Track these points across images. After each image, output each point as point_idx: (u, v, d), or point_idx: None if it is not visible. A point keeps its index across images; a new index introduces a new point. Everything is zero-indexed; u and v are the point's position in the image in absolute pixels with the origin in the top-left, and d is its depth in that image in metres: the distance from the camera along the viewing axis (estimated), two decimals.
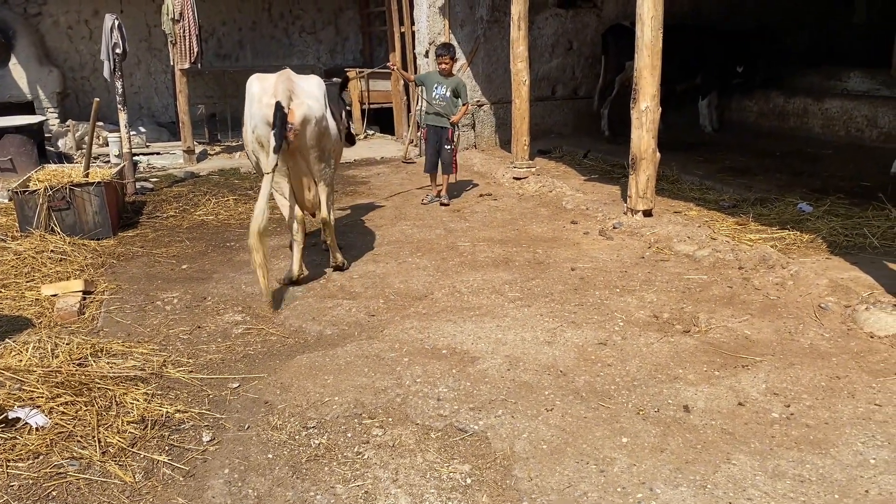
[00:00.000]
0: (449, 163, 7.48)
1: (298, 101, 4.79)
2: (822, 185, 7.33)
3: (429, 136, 7.56)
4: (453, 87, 7.33)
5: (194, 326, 4.56)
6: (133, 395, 3.54)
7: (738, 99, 11.38)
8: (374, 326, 4.49)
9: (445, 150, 7.43)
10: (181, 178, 9.30)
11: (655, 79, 6.18)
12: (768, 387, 3.53)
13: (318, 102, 4.97)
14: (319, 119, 4.94)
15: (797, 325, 4.23)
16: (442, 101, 7.33)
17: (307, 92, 4.93)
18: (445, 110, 7.34)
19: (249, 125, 4.99)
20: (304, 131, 4.84)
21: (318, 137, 4.97)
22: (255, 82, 4.99)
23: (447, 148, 7.42)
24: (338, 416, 3.42)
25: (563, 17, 11.07)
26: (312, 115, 4.86)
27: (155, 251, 6.18)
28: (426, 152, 7.68)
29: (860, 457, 2.94)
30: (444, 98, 7.32)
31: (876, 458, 2.92)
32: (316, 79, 5.23)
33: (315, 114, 4.89)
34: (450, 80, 7.38)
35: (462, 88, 7.40)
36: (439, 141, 7.45)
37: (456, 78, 7.46)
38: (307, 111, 4.82)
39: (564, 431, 3.21)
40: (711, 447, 3.06)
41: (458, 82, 7.41)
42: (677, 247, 5.70)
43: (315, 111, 4.89)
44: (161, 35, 12.47)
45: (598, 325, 4.35)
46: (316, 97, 4.98)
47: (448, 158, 7.45)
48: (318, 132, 4.95)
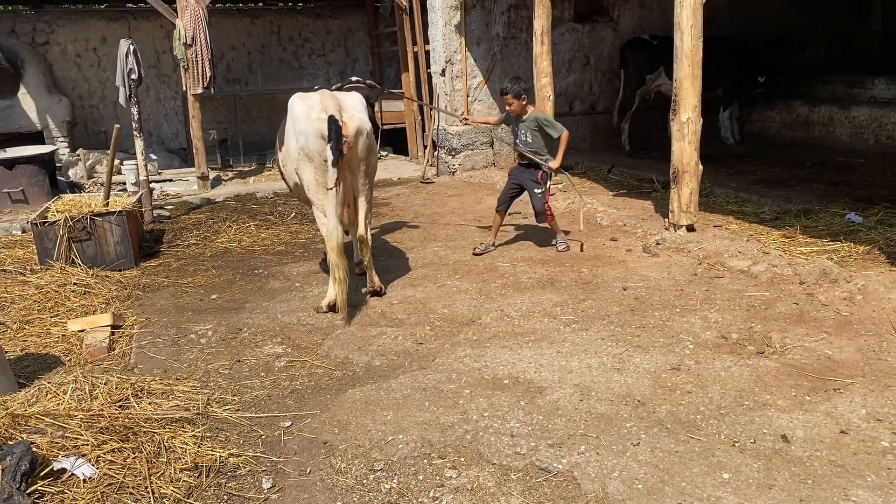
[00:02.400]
0: (541, 210, 6.10)
1: (349, 114, 4.76)
2: (864, 194, 7.10)
3: (513, 171, 6.39)
4: (533, 128, 6.05)
5: (234, 360, 4.30)
6: (182, 438, 3.28)
7: (759, 110, 11.21)
8: (425, 355, 4.23)
9: (535, 195, 6.09)
10: (197, 204, 9.08)
11: (696, 89, 5.98)
12: (869, 412, 3.26)
13: (365, 115, 4.96)
14: (370, 132, 4.91)
15: (880, 343, 3.97)
16: (527, 147, 6.10)
17: (354, 106, 4.91)
18: (535, 154, 6.08)
19: (296, 143, 4.80)
20: (357, 144, 4.77)
21: (367, 150, 4.92)
22: (297, 101, 4.91)
23: (537, 193, 6.07)
24: (405, 457, 3.15)
25: (580, 32, 10.93)
26: (364, 128, 4.83)
27: (181, 281, 5.93)
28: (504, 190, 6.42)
29: None
30: (528, 144, 6.08)
31: None
32: (357, 95, 5.17)
33: (366, 126, 4.86)
34: (527, 121, 6.07)
35: (546, 123, 6.05)
36: (521, 181, 6.21)
37: (533, 116, 6.07)
38: (360, 124, 4.79)
39: (658, 468, 2.94)
40: (824, 482, 2.79)
41: (538, 119, 6.05)
42: (730, 262, 5.45)
43: (366, 124, 4.87)
44: (169, 61, 12.37)
45: (665, 348, 4.09)
46: (362, 111, 4.94)
47: (539, 205, 6.09)
48: (369, 145, 4.92)
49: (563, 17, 10.68)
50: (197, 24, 9.46)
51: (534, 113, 6.13)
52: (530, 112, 6.09)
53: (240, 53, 13.34)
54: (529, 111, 6.09)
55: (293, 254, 6.66)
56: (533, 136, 6.06)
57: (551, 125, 6.04)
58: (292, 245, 6.96)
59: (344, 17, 13.92)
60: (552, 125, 6.04)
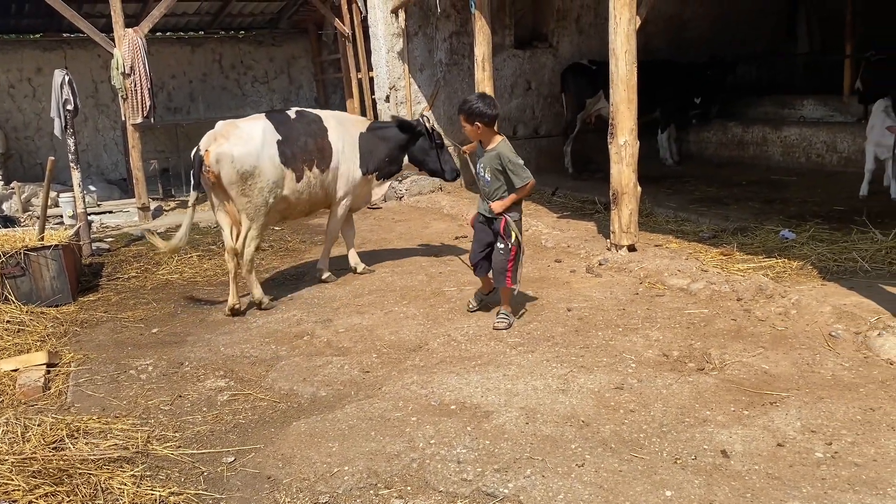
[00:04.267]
0: (502, 270, 4.88)
1: (217, 143, 5.34)
2: (797, 211, 7.35)
3: (475, 224, 5.16)
4: (494, 165, 4.81)
5: (175, 396, 4.20)
6: (120, 478, 3.18)
7: (695, 131, 11.54)
8: (371, 384, 4.20)
9: (497, 251, 4.92)
10: (138, 236, 8.89)
11: (632, 112, 6.12)
12: (804, 424, 3.36)
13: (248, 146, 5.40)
14: (238, 158, 5.34)
15: (813, 356, 4.10)
16: (485, 185, 4.93)
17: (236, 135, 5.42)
18: (491, 194, 4.90)
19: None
20: (221, 170, 5.34)
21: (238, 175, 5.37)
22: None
23: (499, 248, 4.89)
24: (351, 489, 3.11)
25: (521, 58, 11.12)
26: (225, 156, 5.32)
27: (120, 315, 5.79)
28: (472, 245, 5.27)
29: None
30: (486, 181, 4.90)
31: None
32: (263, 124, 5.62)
33: (228, 154, 5.32)
34: (488, 153, 4.86)
35: (513, 167, 4.74)
36: (486, 233, 5.02)
37: (497, 147, 4.83)
38: (219, 153, 5.32)
39: (602, 489, 2.96)
40: (762, 495, 2.86)
41: (503, 157, 4.77)
42: (670, 281, 5.57)
43: (228, 153, 5.32)
44: (108, 90, 12.16)
45: (609, 367, 4.14)
46: (240, 142, 5.39)
47: (501, 263, 4.88)
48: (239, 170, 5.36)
49: (504, 43, 10.86)
50: (135, 54, 9.33)
51: (500, 147, 4.83)
52: (497, 143, 4.85)
53: (181, 82, 13.20)
54: (496, 142, 4.86)
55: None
56: (492, 174, 4.85)
57: (517, 171, 4.75)
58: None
59: (287, 45, 13.91)
60: (518, 171, 4.75)
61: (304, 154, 5.80)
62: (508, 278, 4.89)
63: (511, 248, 4.84)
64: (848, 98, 9.98)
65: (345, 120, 6.43)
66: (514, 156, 4.79)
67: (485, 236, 5.02)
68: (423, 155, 6.44)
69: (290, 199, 5.79)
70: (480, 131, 4.81)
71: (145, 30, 9.54)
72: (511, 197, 4.82)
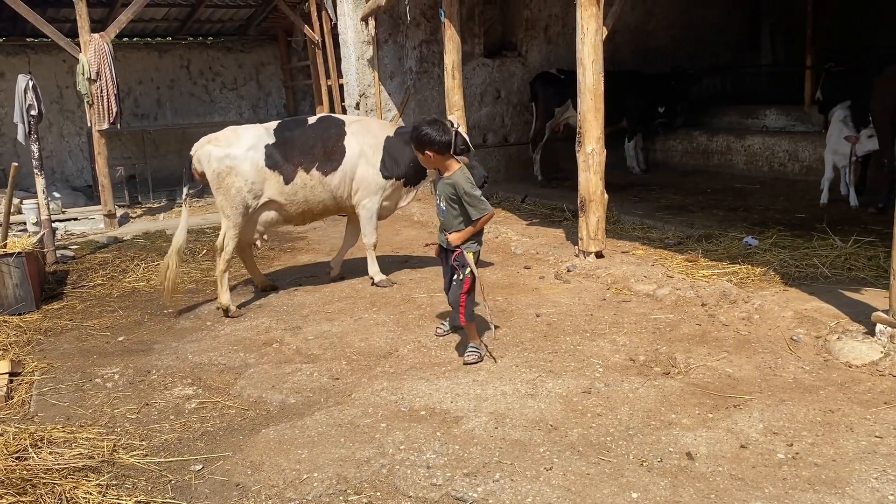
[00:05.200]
0: (455, 304, 4.52)
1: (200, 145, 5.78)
2: (760, 218, 7.50)
3: (439, 256, 4.78)
4: (449, 194, 4.40)
5: (142, 404, 4.16)
6: (85, 488, 3.15)
7: (662, 139, 11.71)
8: (341, 391, 4.20)
9: (452, 284, 4.53)
10: (104, 243, 8.78)
11: (599, 121, 6.21)
12: (766, 426, 3.43)
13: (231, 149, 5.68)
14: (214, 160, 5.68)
15: (775, 360, 4.19)
16: (441, 215, 4.55)
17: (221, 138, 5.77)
18: (446, 223, 4.52)
19: None
20: (205, 172, 5.76)
21: (215, 176, 5.72)
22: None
23: (454, 280, 4.51)
24: (320, 495, 3.11)
25: (490, 66, 11.21)
26: (204, 157, 5.73)
27: (86, 324, 5.71)
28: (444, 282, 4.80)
29: (878, 494, 2.85)
30: (442, 211, 4.51)
31: (895, 494, 2.84)
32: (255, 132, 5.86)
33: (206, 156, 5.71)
34: (444, 182, 4.44)
35: (463, 192, 4.32)
36: (447, 266, 4.61)
37: (452, 177, 4.39)
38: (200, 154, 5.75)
39: (570, 492, 3.00)
40: (726, 496, 2.91)
41: (458, 187, 4.34)
42: (636, 287, 5.65)
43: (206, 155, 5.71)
44: (73, 96, 12.00)
45: (577, 372, 4.19)
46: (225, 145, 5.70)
47: (455, 297, 4.51)
48: (216, 170, 5.70)
49: (474, 52, 10.94)
50: (101, 59, 9.22)
51: (455, 176, 4.39)
52: (453, 172, 4.41)
53: (148, 88, 13.07)
54: (453, 170, 4.42)
55: (204, 291, 6.51)
56: (448, 204, 4.44)
57: (473, 203, 4.33)
58: (203, 283, 6.81)
59: (256, 51, 13.86)
60: (474, 203, 4.33)
61: (301, 157, 5.86)
62: (462, 314, 4.47)
63: (465, 280, 4.42)
64: (809, 108, 10.22)
65: (372, 125, 6.45)
66: (469, 186, 4.34)
67: (447, 267, 4.63)
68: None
69: (281, 201, 5.92)
70: (432, 159, 4.40)
71: (112, 35, 9.43)
72: (467, 230, 4.41)
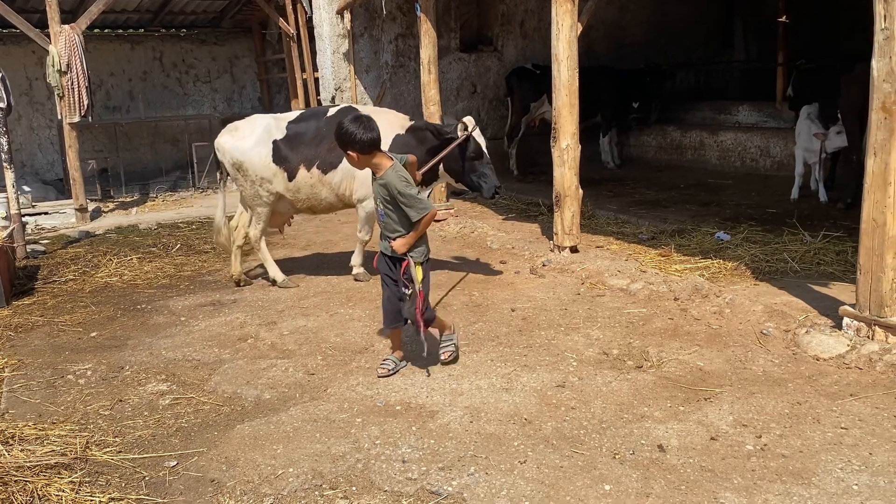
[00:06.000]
0: (411, 317, 4.15)
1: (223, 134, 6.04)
2: (732, 213, 7.61)
3: (379, 266, 4.30)
4: (384, 196, 4.03)
5: (115, 400, 4.13)
6: (58, 485, 3.12)
7: (636, 135, 11.81)
8: (317, 386, 4.20)
9: (405, 297, 4.15)
10: (76, 238, 8.67)
11: (574, 117, 6.26)
12: (735, 419, 3.49)
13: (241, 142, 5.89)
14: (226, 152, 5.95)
15: (745, 353, 4.26)
16: (380, 220, 4.16)
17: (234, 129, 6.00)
18: (386, 229, 4.14)
19: None
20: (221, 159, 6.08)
21: (231, 167, 5.99)
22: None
23: (405, 292, 4.13)
24: (296, 490, 3.11)
25: (466, 61, 11.22)
26: (218, 149, 6.02)
27: (57, 319, 5.64)
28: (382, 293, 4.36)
29: (843, 484, 2.92)
30: (380, 215, 4.13)
31: (858, 484, 2.91)
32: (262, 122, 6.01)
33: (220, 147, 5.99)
34: (378, 182, 4.05)
35: (397, 192, 3.94)
36: (393, 279, 4.21)
37: (384, 177, 3.99)
38: (216, 144, 6.03)
39: (544, 484, 3.04)
40: (696, 487, 2.97)
41: (390, 187, 3.96)
42: (610, 281, 5.71)
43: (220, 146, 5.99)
44: (43, 88, 11.82)
45: (551, 366, 4.23)
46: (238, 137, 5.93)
47: (410, 313, 4.14)
48: (230, 161, 5.96)
49: (450, 46, 10.94)
50: (72, 51, 9.10)
51: (387, 176, 3.98)
52: (384, 172, 3.99)
53: (120, 80, 12.90)
54: (384, 170, 3.99)
55: (178, 287, 6.47)
56: (385, 207, 4.06)
57: (410, 203, 3.94)
58: (177, 278, 6.76)
59: (230, 44, 13.73)
60: (411, 203, 3.94)
61: (305, 153, 5.85)
62: (421, 327, 4.13)
63: (418, 293, 4.10)
64: (781, 104, 10.36)
65: (383, 120, 5.78)
66: (404, 185, 3.94)
67: (390, 284, 4.23)
68: (454, 165, 5.74)
69: (287, 196, 6.00)
70: (357, 160, 3.97)
71: (83, 26, 9.31)
72: (412, 235, 4.04)
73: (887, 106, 3.86)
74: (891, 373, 3.86)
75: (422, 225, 4.03)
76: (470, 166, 5.71)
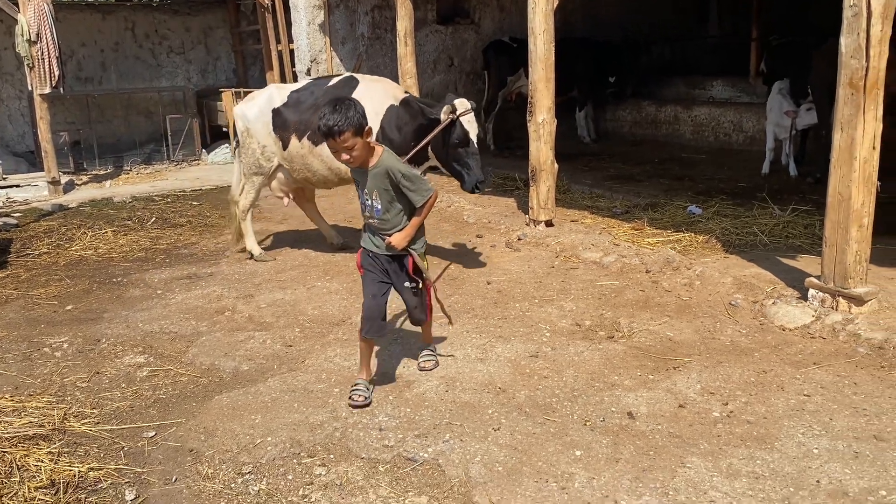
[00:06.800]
0: (421, 306, 3.85)
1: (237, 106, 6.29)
2: (704, 187, 7.71)
3: (364, 264, 3.80)
4: (382, 187, 3.55)
5: (92, 373, 4.15)
6: (36, 455, 3.15)
7: (612, 109, 11.86)
8: (294, 357, 4.25)
9: (410, 296, 3.79)
10: (49, 211, 8.58)
11: (550, 91, 6.29)
12: (703, 386, 3.60)
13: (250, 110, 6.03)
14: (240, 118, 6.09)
15: (714, 324, 4.37)
16: (376, 215, 3.62)
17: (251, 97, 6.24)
18: (384, 224, 3.63)
19: None
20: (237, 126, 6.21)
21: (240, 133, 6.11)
22: None
23: (409, 287, 3.76)
24: (274, 458, 3.17)
25: (443, 33, 11.16)
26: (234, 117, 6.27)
27: (32, 293, 5.61)
28: (364, 294, 3.81)
29: (804, 448, 3.04)
30: (377, 211, 3.60)
31: (818, 448, 3.03)
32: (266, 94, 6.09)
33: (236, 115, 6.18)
34: (372, 173, 3.55)
35: (402, 175, 3.53)
36: (386, 278, 3.76)
37: (381, 162, 3.54)
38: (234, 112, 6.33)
39: (517, 450, 3.12)
40: (664, 452, 3.07)
41: (389, 168, 3.53)
42: (584, 254, 5.79)
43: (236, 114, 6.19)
44: (12, 58, 11.55)
45: (525, 337, 4.31)
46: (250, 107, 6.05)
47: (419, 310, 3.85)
48: (241, 128, 6.09)
49: (427, 18, 10.88)
50: (42, 20, 8.93)
51: (386, 160, 3.55)
52: (380, 157, 3.55)
53: (91, 51, 12.65)
54: (378, 156, 3.55)
55: (154, 260, 6.45)
56: (383, 199, 3.58)
57: (416, 185, 3.56)
58: (152, 251, 6.74)
59: (204, 15, 13.50)
60: (417, 186, 3.56)
61: (298, 123, 5.79)
62: (429, 313, 3.93)
63: (426, 285, 3.85)
64: (754, 80, 10.46)
65: (378, 90, 5.74)
66: (406, 167, 3.62)
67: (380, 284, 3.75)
68: (437, 150, 5.36)
69: (285, 166, 6.02)
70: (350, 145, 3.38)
71: None
72: (413, 221, 3.63)
73: (854, 82, 3.95)
74: (853, 342, 3.99)
75: (426, 209, 3.63)
76: (454, 154, 5.24)
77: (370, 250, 3.74)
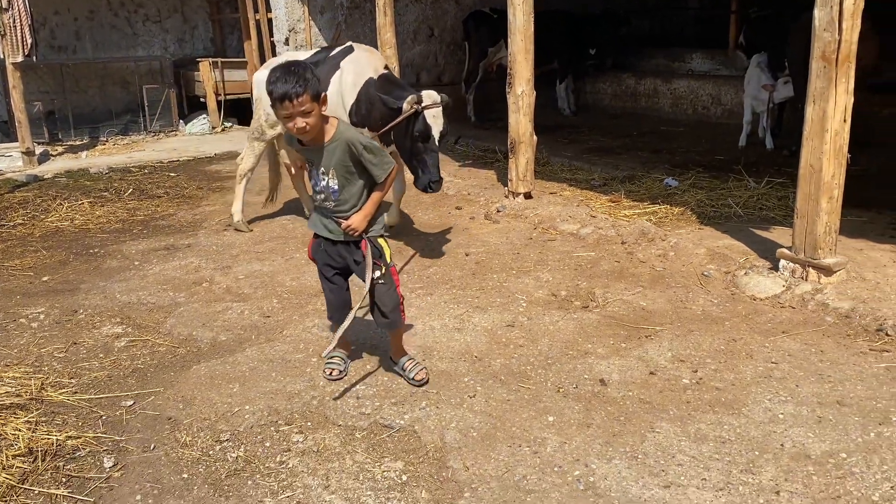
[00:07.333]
0: (394, 306, 3.43)
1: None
2: (682, 160, 7.77)
3: (316, 256, 3.53)
4: (343, 162, 3.25)
5: (69, 343, 4.15)
6: (14, 424, 3.16)
7: (592, 82, 11.86)
8: (272, 328, 4.28)
9: (378, 285, 3.38)
10: (23, 182, 8.47)
11: (529, 63, 6.28)
12: (674, 354, 3.68)
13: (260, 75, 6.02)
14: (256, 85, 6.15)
15: (686, 294, 4.45)
16: (327, 196, 3.34)
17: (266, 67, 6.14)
18: (341, 206, 3.33)
19: None
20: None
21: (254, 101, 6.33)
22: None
23: (377, 279, 3.36)
24: (252, 426, 3.21)
25: (423, 3, 11.07)
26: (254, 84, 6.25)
27: (7, 264, 5.58)
28: (322, 289, 3.65)
29: (770, 413, 3.12)
30: (334, 191, 3.30)
31: (784, 413, 3.12)
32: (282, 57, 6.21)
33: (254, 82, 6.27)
34: (329, 148, 3.24)
35: (363, 147, 3.23)
36: (340, 262, 3.47)
37: (339, 134, 3.23)
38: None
39: (491, 416, 3.19)
40: (634, 418, 3.15)
41: (349, 139, 3.23)
42: (562, 226, 5.84)
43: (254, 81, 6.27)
44: None
45: (502, 307, 4.37)
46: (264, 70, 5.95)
47: (390, 298, 3.42)
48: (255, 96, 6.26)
49: None
50: None
51: (344, 132, 3.26)
52: (337, 129, 3.25)
53: (65, 19, 12.40)
54: (335, 127, 3.25)
55: (131, 231, 6.42)
56: (341, 177, 3.28)
57: (378, 158, 3.27)
58: (130, 223, 6.70)
59: None
60: (380, 157, 3.28)
61: None
62: (402, 312, 3.50)
63: (392, 270, 3.43)
64: (732, 52, 10.50)
65: (363, 59, 5.47)
66: (366, 139, 3.32)
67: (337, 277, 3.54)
68: (398, 139, 5.04)
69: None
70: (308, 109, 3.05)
71: None
72: (373, 198, 3.33)
73: (827, 55, 3.99)
74: (821, 311, 4.08)
75: (388, 183, 3.34)
76: (413, 147, 4.87)
77: (323, 237, 3.43)
